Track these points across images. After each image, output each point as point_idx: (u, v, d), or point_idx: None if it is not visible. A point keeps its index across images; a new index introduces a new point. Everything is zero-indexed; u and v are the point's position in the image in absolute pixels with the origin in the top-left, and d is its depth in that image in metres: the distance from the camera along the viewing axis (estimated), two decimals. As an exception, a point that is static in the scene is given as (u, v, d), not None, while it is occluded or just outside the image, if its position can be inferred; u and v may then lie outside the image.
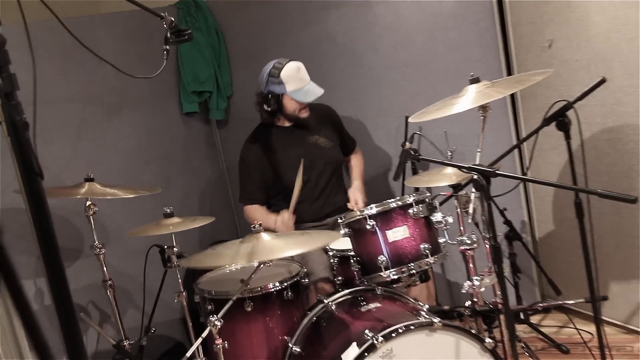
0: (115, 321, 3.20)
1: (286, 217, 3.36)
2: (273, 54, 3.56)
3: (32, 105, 1.33)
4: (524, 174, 3.68)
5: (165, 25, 2.33)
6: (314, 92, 3.47)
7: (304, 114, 3.55)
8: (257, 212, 3.58)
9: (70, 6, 3.53)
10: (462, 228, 2.79)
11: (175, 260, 2.94)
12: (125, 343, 3.19)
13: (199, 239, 4.20)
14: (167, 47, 2.35)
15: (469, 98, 2.63)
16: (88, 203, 3.04)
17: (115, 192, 3.09)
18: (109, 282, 3.14)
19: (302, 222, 3.58)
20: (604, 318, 3.17)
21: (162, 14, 2.32)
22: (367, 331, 2.31)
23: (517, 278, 3.68)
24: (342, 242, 2.97)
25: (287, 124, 3.63)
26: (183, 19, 4.30)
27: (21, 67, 1.37)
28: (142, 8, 2.22)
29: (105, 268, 3.13)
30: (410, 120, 2.85)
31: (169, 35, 2.36)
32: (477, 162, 2.37)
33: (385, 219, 2.66)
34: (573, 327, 3.46)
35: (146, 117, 4.07)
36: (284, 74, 3.40)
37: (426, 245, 2.62)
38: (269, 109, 3.50)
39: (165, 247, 2.98)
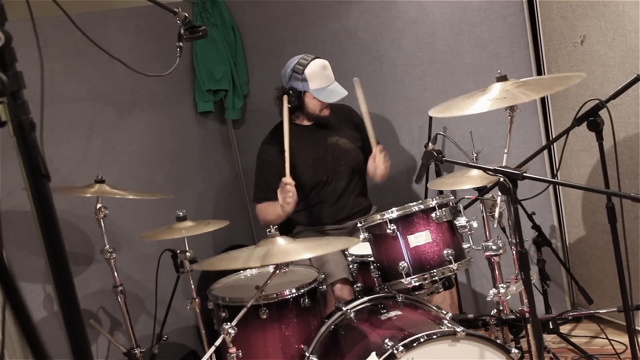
0: (126, 328, 3.22)
1: (284, 187, 3.28)
2: (291, 51, 3.58)
3: (40, 105, 1.35)
4: (553, 176, 3.66)
5: (178, 22, 2.34)
6: (338, 92, 3.48)
7: (325, 113, 3.56)
8: (267, 206, 3.55)
9: (81, 1, 3.57)
10: (487, 233, 2.78)
11: (188, 265, 2.96)
12: (137, 351, 3.21)
13: (213, 243, 4.22)
14: (181, 44, 2.36)
15: (494, 97, 2.61)
16: (98, 206, 3.07)
17: (125, 194, 3.12)
18: (120, 288, 3.16)
19: (321, 225, 3.60)
20: (638, 328, 3.13)
21: (175, 9, 2.33)
22: (387, 340, 2.31)
23: (545, 286, 3.66)
24: (362, 247, 2.96)
25: (306, 122, 3.64)
26: (198, 14, 4.33)
27: (29, 64, 1.38)
28: (154, 3, 2.24)
29: (115, 273, 3.15)
30: (431, 114, 2.83)
31: (182, 31, 2.36)
32: (503, 164, 2.36)
33: (407, 223, 2.65)
34: (605, 337, 3.43)
35: (159, 116, 4.09)
36: (308, 70, 3.40)
37: (450, 251, 2.60)
38: (289, 106, 3.50)
39: (178, 251, 3.00)
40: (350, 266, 3.01)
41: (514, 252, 2.53)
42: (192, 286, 3.02)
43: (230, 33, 4.42)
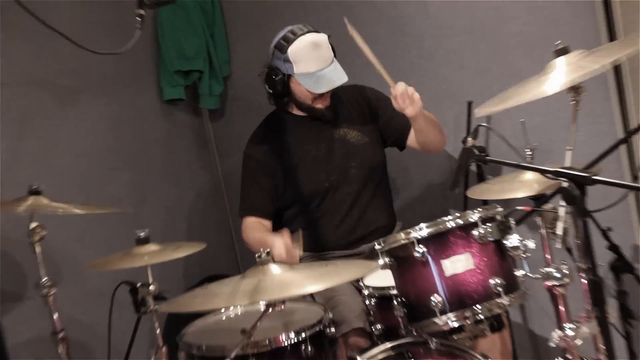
0: (70, 388, 3.21)
1: (289, 241, 3.10)
2: (286, 22, 3.55)
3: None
4: (634, 179, 3.64)
5: (139, -15, 2.34)
6: (330, 80, 3.41)
7: (321, 104, 3.54)
8: (255, 230, 3.54)
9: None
10: (548, 256, 2.76)
11: (151, 303, 2.94)
12: (84, 418, 3.19)
13: (186, 273, 4.21)
14: (142, 12, 2.34)
15: (556, 77, 2.59)
16: (33, 225, 3.04)
17: (69, 209, 3.09)
18: (61, 335, 3.13)
19: (327, 250, 3.56)
20: None
21: (134, -32, 2.33)
22: (417, 401, 2.29)
23: (628, 325, 3.63)
24: (382, 277, 2.94)
25: (302, 112, 3.62)
26: (163, -26, 4.33)
27: None
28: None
29: (55, 315, 3.13)
30: (476, 111, 2.81)
31: (144, -4, 2.36)
32: (567, 164, 2.34)
33: (441, 244, 2.61)
34: None
35: (113, 106, 4.09)
36: (292, 49, 3.36)
37: (498, 281, 2.56)
38: (271, 91, 3.50)
39: (138, 285, 2.98)
40: (369, 305, 2.98)
41: (585, 281, 2.51)
42: (158, 330, 3.00)
43: (206, -1, 4.43)
